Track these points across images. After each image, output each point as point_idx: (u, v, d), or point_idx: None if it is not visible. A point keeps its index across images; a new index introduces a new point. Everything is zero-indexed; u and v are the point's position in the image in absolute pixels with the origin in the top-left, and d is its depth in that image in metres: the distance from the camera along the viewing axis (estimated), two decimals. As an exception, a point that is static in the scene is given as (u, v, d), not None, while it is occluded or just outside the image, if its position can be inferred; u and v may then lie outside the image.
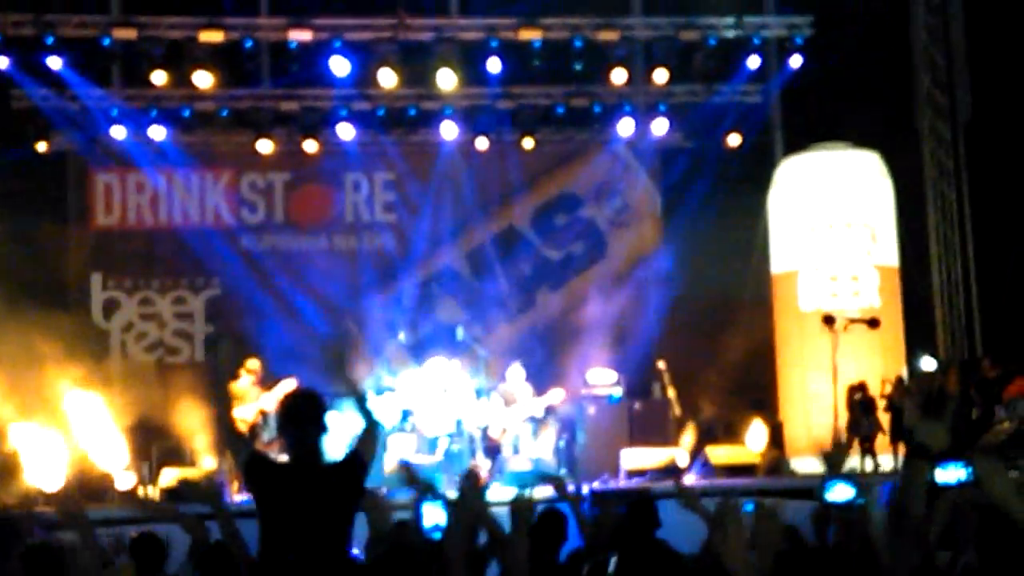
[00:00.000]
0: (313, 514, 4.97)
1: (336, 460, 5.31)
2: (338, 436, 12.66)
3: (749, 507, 7.23)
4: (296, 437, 5.14)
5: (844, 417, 13.02)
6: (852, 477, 5.31)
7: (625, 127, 16.02)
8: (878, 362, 13.72)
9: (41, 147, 15.13)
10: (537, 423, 13.39)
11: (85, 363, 14.56)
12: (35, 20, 14.68)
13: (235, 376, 12.32)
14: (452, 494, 5.72)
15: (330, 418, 5.30)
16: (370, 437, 5.32)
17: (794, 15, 15.48)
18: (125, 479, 13.11)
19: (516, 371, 13.56)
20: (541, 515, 6.83)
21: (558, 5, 15.54)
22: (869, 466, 13.12)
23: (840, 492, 5.62)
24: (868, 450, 13.19)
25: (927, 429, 4.53)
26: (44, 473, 12.77)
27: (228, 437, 5.43)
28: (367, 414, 5.33)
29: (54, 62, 14.66)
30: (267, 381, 13.28)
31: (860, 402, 13.24)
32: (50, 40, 14.69)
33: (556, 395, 13.37)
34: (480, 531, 5.36)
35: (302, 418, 5.17)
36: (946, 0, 15.49)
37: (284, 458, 5.31)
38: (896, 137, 15.06)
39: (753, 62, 15.53)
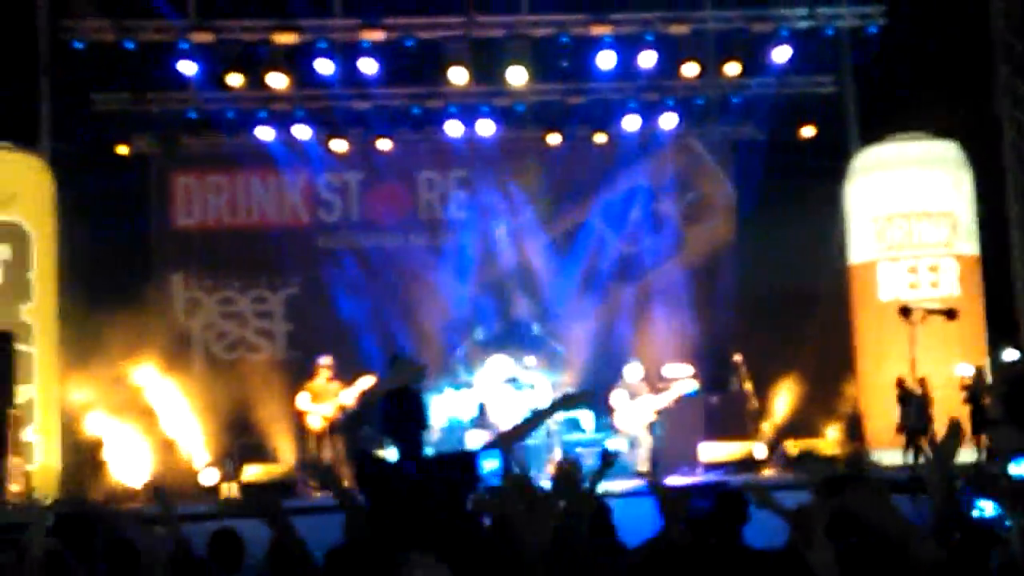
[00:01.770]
0: (426, 507, 5.02)
1: (444, 454, 5.40)
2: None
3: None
4: (402, 434, 5.21)
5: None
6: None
7: (698, 120, 15.97)
8: (958, 353, 13.55)
9: (123, 150, 15.43)
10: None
11: (168, 362, 14.87)
12: (114, 25, 14.94)
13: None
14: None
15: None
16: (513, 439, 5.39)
17: (867, 4, 15.29)
18: (208, 475, 13.32)
19: (634, 367, 13.53)
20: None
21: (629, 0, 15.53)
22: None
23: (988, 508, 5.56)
24: (912, 444, 12.83)
25: (1005, 434, 4.55)
26: (129, 469, 13.01)
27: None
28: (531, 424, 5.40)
29: (135, 66, 14.92)
30: (343, 378, 13.44)
31: (900, 397, 13.04)
32: (129, 45, 14.95)
33: (688, 384, 13.30)
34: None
35: (407, 415, 5.24)
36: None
37: (389, 455, 5.36)
38: (975, 126, 14.83)
39: (826, 53, 15.41)
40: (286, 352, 16.02)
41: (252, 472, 13.03)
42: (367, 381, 13.01)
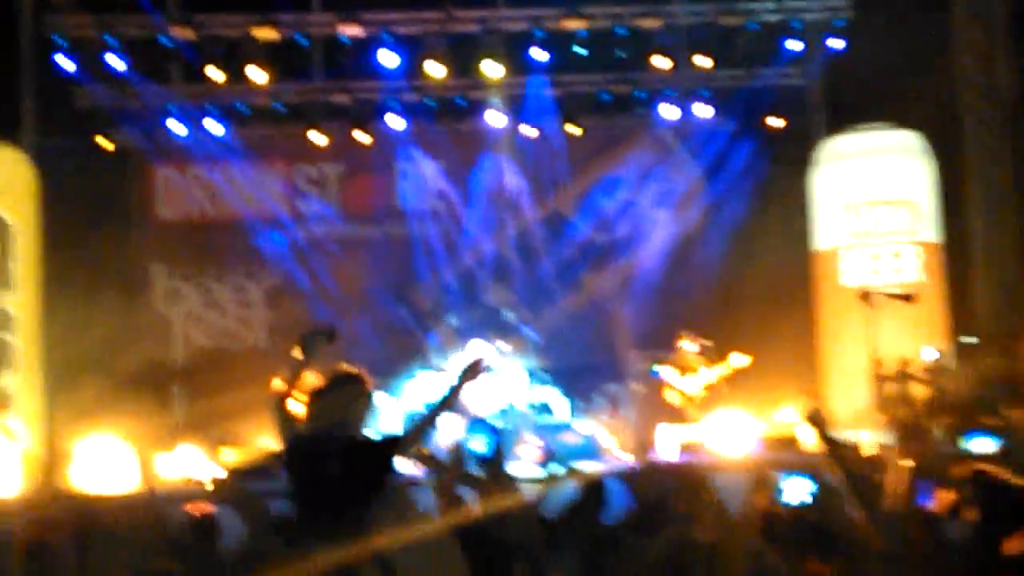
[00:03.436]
0: (334, 487, 5.33)
1: (368, 439, 5.64)
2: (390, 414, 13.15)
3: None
4: (319, 409, 5.47)
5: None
6: None
7: (668, 112, 16.31)
8: (920, 339, 13.84)
9: (103, 143, 15.70)
10: None
11: (149, 351, 15.16)
12: (96, 21, 15.23)
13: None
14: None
15: (376, 398, 5.67)
16: (426, 425, 5.65)
17: (834, -3, 15.65)
18: (191, 465, 13.46)
19: (688, 342, 13.77)
20: (584, 486, 7.32)
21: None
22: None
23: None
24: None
25: None
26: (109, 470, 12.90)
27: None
28: (445, 404, 5.64)
29: (115, 61, 15.21)
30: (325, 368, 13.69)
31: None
32: (111, 40, 15.24)
33: (740, 359, 13.51)
34: None
35: (330, 393, 5.51)
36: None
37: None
38: (938, 115, 15.13)
39: (794, 45, 15.74)
40: (267, 341, 16.34)
41: (230, 457, 13.25)
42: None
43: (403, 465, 5.84)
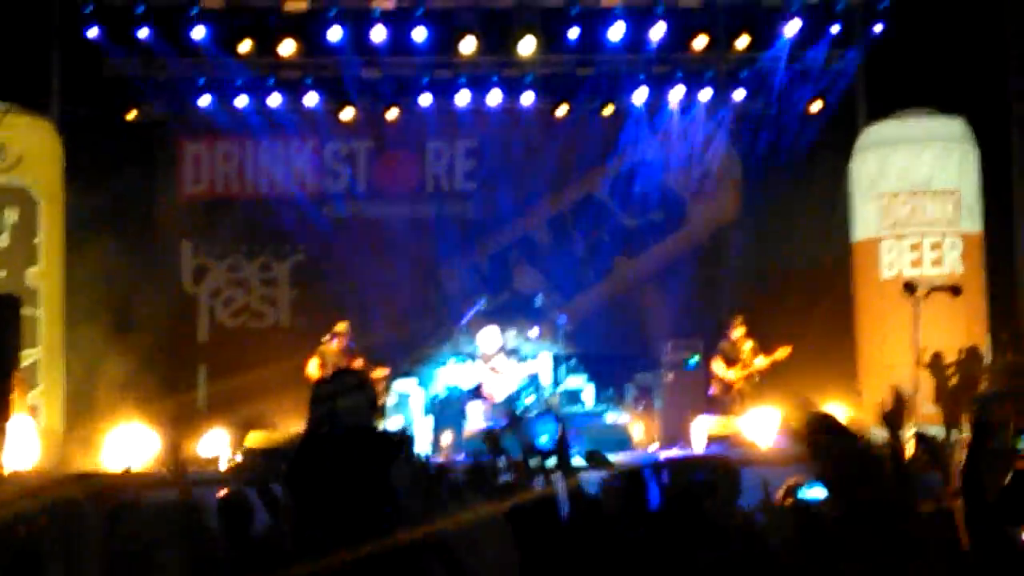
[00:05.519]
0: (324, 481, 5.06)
1: (367, 432, 5.39)
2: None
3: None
4: (314, 411, 5.25)
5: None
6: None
7: (706, 94, 15.95)
8: (960, 331, 13.53)
9: (131, 116, 15.49)
10: None
11: (175, 327, 15.02)
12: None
13: None
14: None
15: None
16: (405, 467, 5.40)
17: (878, -22, 15.20)
18: (212, 445, 13.35)
19: (738, 328, 13.57)
20: (628, 476, 7.15)
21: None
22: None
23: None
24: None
25: None
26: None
27: None
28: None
29: (143, 32, 14.95)
30: (351, 348, 13.59)
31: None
32: (140, 10, 14.98)
33: (783, 351, 13.33)
34: None
35: (325, 395, 5.28)
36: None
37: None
38: (983, 103, 14.74)
39: (836, 28, 15.35)
40: (290, 320, 16.18)
41: (254, 438, 13.12)
42: (381, 372, 13.23)
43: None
